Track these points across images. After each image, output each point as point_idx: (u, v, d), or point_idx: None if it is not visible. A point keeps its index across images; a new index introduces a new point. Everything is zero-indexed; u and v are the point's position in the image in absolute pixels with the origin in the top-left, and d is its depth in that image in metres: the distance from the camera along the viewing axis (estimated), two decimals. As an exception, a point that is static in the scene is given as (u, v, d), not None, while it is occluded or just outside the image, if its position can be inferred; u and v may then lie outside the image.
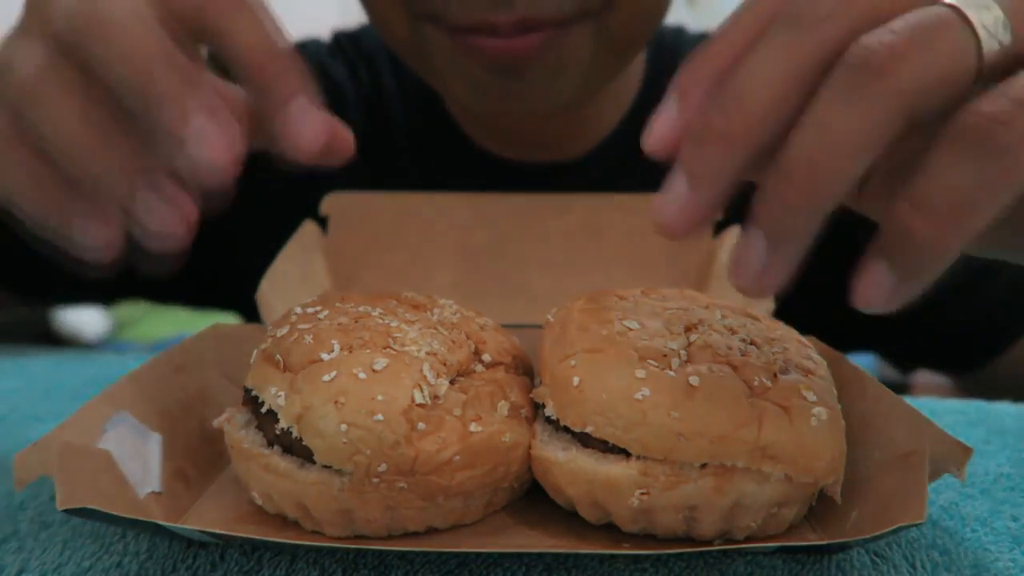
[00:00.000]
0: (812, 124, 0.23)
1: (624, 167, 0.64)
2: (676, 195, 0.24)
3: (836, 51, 0.23)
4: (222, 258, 0.62)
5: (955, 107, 0.23)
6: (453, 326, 0.34)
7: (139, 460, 0.32)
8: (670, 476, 0.28)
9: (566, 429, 0.30)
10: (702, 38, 0.71)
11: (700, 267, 0.50)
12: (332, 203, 0.52)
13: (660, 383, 0.29)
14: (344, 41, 0.69)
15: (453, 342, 0.33)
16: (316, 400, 0.29)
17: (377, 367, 0.29)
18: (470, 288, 0.49)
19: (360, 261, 0.51)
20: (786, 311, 0.40)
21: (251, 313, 0.43)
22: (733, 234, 0.49)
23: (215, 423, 0.33)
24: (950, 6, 0.23)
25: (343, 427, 0.28)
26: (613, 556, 0.30)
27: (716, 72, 0.25)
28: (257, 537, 0.27)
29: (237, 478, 0.32)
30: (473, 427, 0.30)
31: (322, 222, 0.52)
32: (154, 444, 0.33)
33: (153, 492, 0.32)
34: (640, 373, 0.29)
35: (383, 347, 0.31)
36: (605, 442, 0.29)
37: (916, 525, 0.26)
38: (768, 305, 0.42)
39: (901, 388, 1.18)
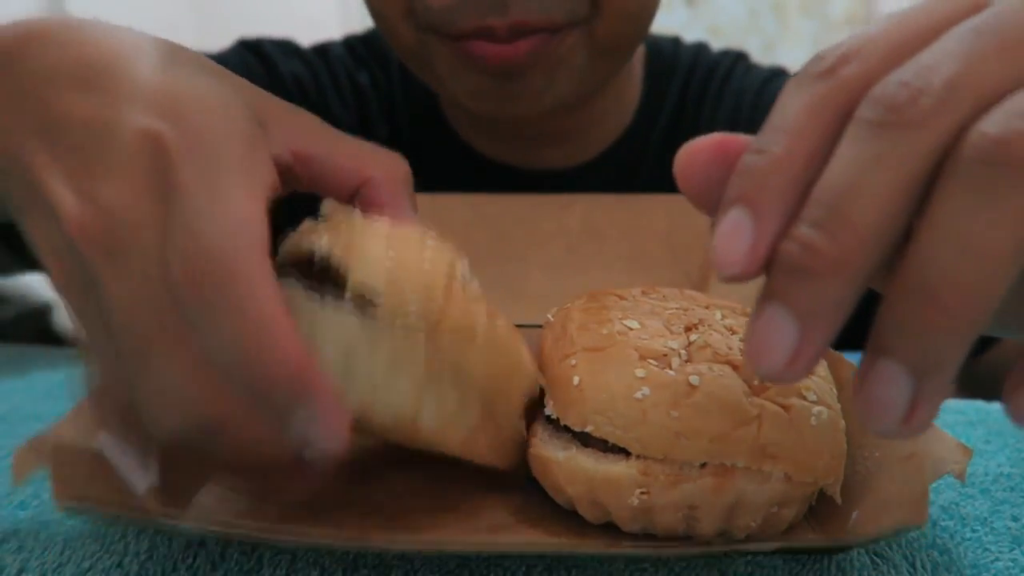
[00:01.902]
0: (949, 236, 0.19)
1: (627, 177, 0.64)
2: (782, 338, 0.20)
3: (950, 145, 0.20)
4: None
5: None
6: None
7: (137, 454, 0.32)
8: (670, 475, 0.28)
9: (566, 428, 0.30)
10: (699, 47, 0.71)
11: (700, 267, 0.50)
12: (333, 203, 0.52)
13: (660, 382, 0.29)
14: (359, 47, 0.70)
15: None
16: (368, 235, 0.28)
17: (426, 239, 0.29)
18: (470, 288, 0.49)
19: None
20: None
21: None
22: None
23: None
24: None
25: (391, 253, 0.28)
26: (613, 556, 0.30)
27: (794, 182, 0.21)
28: (255, 534, 0.27)
29: None
30: (499, 323, 0.30)
31: None
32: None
33: (151, 486, 0.32)
34: (640, 372, 0.29)
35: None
36: (605, 441, 0.29)
37: (917, 527, 0.26)
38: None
39: (901, 388, 1.17)
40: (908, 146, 0.20)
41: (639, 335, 0.31)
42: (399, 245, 0.28)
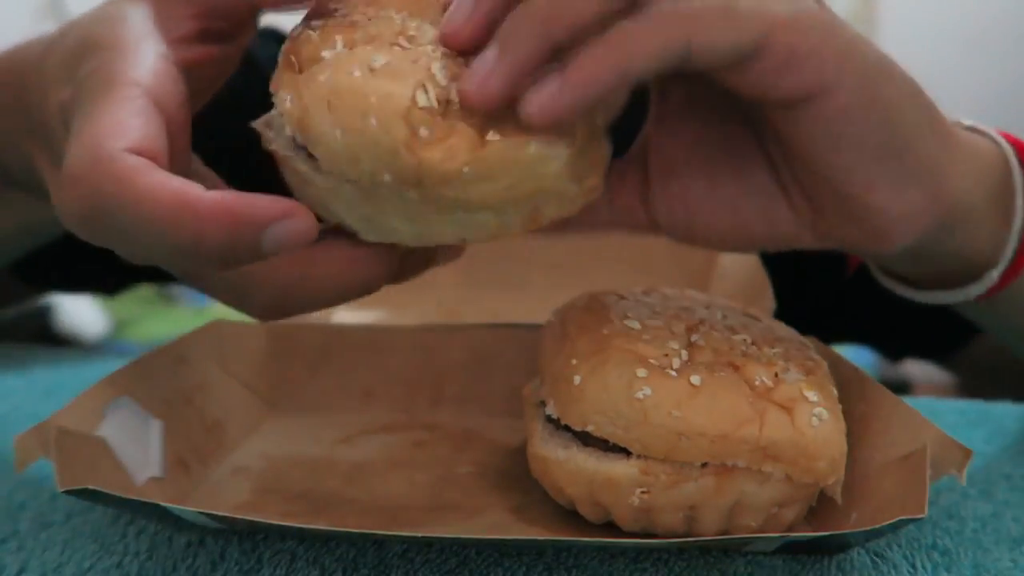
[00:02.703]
0: None
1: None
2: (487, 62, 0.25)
3: None
4: None
5: None
6: None
7: (139, 445, 0.32)
8: (671, 475, 0.28)
9: (566, 428, 0.30)
10: None
11: (701, 268, 0.50)
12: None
13: (661, 382, 0.29)
14: None
15: None
16: (312, 102, 0.26)
17: (376, 64, 0.26)
18: (472, 286, 0.49)
19: None
20: (783, 305, 0.40)
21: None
22: None
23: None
24: None
25: (337, 132, 0.25)
26: (611, 546, 0.30)
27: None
28: (259, 520, 0.27)
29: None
30: (491, 136, 0.25)
31: None
32: (155, 430, 0.33)
33: (153, 478, 0.32)
34: (641, 372, 0.29)
35: (391, 44, 0.27)
36: (606, 441, 0.29)
37: (916, 520, 0.26)
38: (770, 305, 0.42)
39: (901, 388, 1.18)
40: None
41: (640, 335, 0.31)
42: (343, 105, 0.25)
